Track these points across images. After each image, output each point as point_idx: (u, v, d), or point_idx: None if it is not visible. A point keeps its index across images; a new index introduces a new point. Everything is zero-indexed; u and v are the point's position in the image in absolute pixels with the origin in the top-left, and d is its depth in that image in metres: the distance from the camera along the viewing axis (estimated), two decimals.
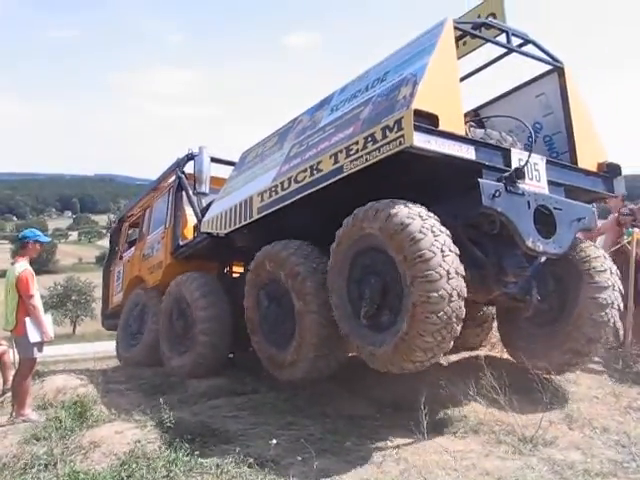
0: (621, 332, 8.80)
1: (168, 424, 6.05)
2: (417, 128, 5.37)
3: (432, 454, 5.20)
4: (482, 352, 8.10)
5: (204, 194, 10.04)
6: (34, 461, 5.40)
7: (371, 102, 6.22)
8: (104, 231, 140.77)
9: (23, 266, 7.20)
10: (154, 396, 7.18)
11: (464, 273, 5.26)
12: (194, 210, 10.01)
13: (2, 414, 7.45)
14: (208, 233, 8.76)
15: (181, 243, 10.07)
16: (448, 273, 5.10)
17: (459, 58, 6.78)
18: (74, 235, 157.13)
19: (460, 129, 5.79)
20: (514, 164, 5.94)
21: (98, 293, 25.35)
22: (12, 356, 8.92)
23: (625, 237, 8.88)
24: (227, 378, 7.98)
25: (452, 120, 5.65)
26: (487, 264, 6.21)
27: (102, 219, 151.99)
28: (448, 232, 5.35)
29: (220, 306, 8.67)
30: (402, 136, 5.41)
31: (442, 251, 5.15)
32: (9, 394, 8.26)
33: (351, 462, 5.09)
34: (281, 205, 7.07)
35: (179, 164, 10.64)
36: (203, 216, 9.20)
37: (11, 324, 7.14)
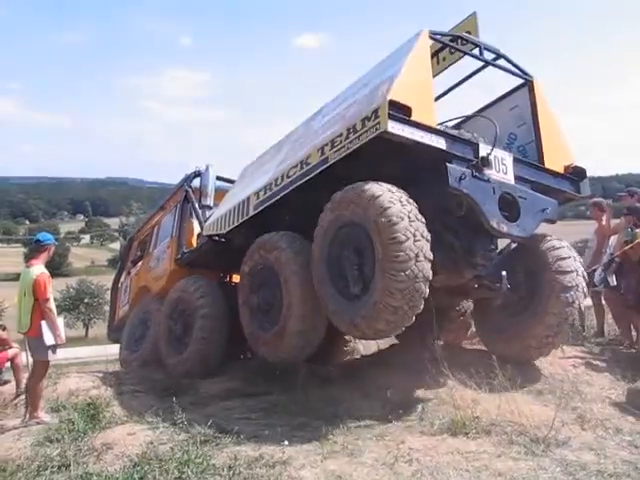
0: (634, 333, 8.80)
1: (180, 426, 6.08)
2: (392, 117, 6.04)
3: (444, 455, 5.18)
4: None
5: (209, 207, 10.61)
6: (47, 463, 5.44)
7: (356, 103, 6.88)
8: (116, 234, 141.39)
9: (40, 269, 7.22)
10: (166, 398, 7.18)
11: (431, 256, 5.89)
12: (199, 221, 10.44)
13: (16, 416, 7.49)
14: (209, 236, 9.24)
15: (185, 250, 10.46)
16: (417, 255, 5.78)
17: (438, 73, 8.00)
18: (86, 238, 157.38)
19: (432, 122, 6.46)
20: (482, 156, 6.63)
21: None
22: (25, 359, 8.98)
23: (625, 238, 8.84)
24: (239, 380, 7.99)
25: (424, 113, 6.32)
26: (458, 248, 6.84)
27: (114, 222, 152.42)
28: (424, 220, 5.98)
29: (218, 307, 8.95)
30: (378, 123, 6.10)
31: (414, 236, 5.82)
32: (23, 396, 8.32)
33: (363, 463, 5.08)
34: (274, 200, 7.73)
35: (187, 180, 11.24)
36: None
37: (25, 327, 7.15)
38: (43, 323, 7.02)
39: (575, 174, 7.54)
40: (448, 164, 6.32)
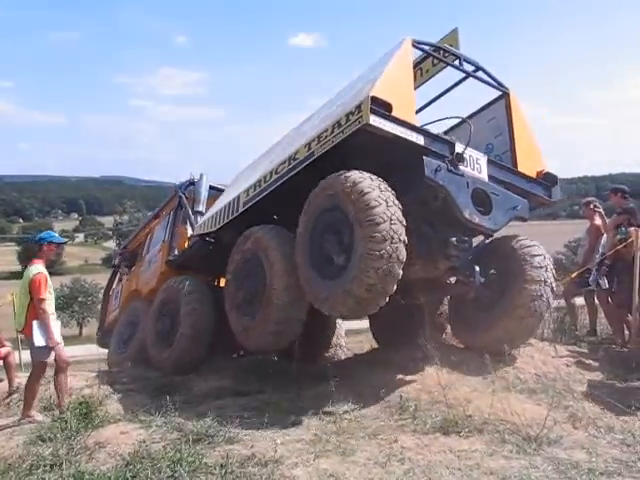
0: (626, 332, 8.84)
1: (173, 424, 6.09)
2: (373, 111, 6.45)
3: (436, 453, 5.19)
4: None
5: (201, 213, 10.87)
6: (39, 462, 5.42)
7: (342, 104, 7.27)
8: (110, 233, 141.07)
9: (38, 269, 7.21)
10: (159, 397, 7.17)
11: (406, 240, 6.24)
12: (192, 225, 10.69)
13: (8, 415, 7.48)
14: (200, 235, 9.51)
15: (176, 253, 10.74)
16: (392, 237, 6.12)
17: (421, 84, 8.60)
18: (80, 237, 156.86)
19: (412, 120, 6.88)
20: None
21: None
22: (17, 357, 8.97)
23: (618, 236, 8.88)
24: (232, 378, 7.98)
25: (404, 111, 6.75)
26: (433, 239, 7.22)
27: (108, 221, 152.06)
28: (400, 206, 6.34)
29: (205, 304, 9.06)
30: (361, 116, 6.52)
31: (390, 219, 6.17)
32: (15, 395, 8.31)
33: (355, 462, 5.07)
34: (262, 195, 8.10)
35: (181, 187, 11.59)
36: None
37: (20, 325, 7.16)
38: (34, 323, 7.00)
39: (547, 180, 8.01)
40: (425, 157, 6.75)
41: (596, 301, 9.58)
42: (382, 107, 6.53)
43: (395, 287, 6.30)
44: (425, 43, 7.88)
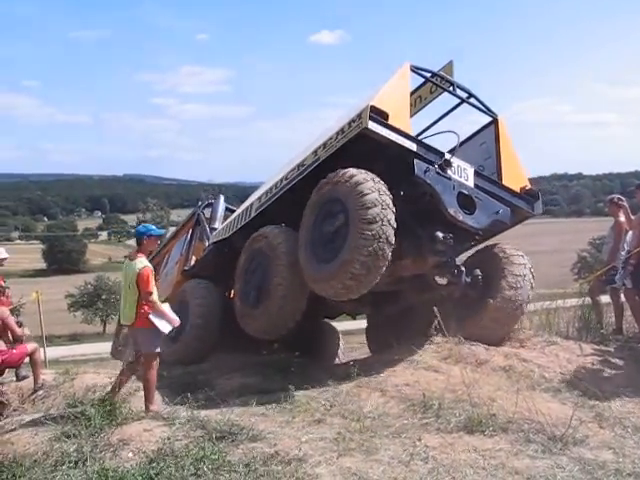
0: None
1: (196, 422, 6.09)
2: (372, 118, 7.36)
3: (461, 453, 5.16)
4: (510, 349, 8.02)
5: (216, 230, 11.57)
6: (64, 458, 5.46)
7: (346, 118, 8.00)
8: (133, 230, 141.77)
9: (143, 262, 7.18)
10: (182, 394, 7.21)
11: (395, 224, 7.02)
12: (208, 240, 11.40)
13: (34, 411, 7.54)
14: (214, 242, 10.42)
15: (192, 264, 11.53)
16: (382, 220, 6.93)
17: (420, 109, 9.73)
18: (104, 235, 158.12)
19: (406, 130, 7.75)
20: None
21: None
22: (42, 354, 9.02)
23: None
24: (255, 376, 8.00)
25: (400, 120, 7.68)
26: (422, 235, 7.85)
27: (131, 219, 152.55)
28: (390, 195, 7.13)
29: (214, 306, 9.80)
30: (361, 122, 7.42)
31: (382, 205, 6.98)
32: (40, 392, 8.38)
33: (379, 461, 5.06)
34: (274, 199, 8.94)
35: (199, 206, 12.79)
36: None
37: (130, 319, 7.12)
38: (152, 316, 7.00)
39: (530, 195, 8.77)
40: (415, 159, 7.60)
41: (622, 298, 9.45)
42: (380, 115, 7.44)
43: (385, 268, 7.10)
44: (423, 69, 8.88)
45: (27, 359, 8.91)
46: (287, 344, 9.60)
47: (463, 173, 8.02)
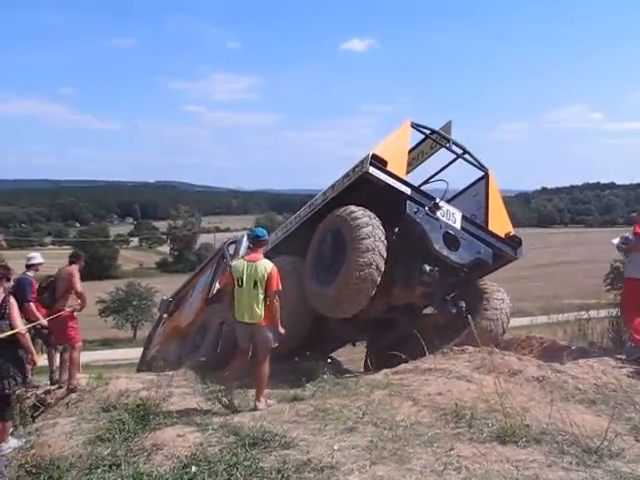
0: None
1: (229, 428, 6.12)
2: (372, 164, 8.69)
3: (493, 463, 5.11)
4: (542, 361, 7.95)
5: None
6: (99, 462, 5.55)
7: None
8: (164, 237, 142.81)
9: (270, 263, 7.50)
10: (215, 400, 7.25)
11: (385, 254, 8.28)
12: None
13: (69, 415, 7.63)
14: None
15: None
16: (374, 249, 8.18)
17: (420, 163, 11.13)
18: (135, 241, 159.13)
19: (402, 176, 9.03)
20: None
21: (158, 298, 26.47)
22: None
23: None
24: (288, 384, 8.04)
25: (397, 167, 9.01)
26: (412, 267, 8.91)
27: (162, 225, 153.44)
28: (384, 230, 8.41)
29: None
30: (362, 167, 8.78)
31: (374, 237, 8.24)
32: (74, 395, 8.48)
33: (411, 470, 5.04)
34: (287, 234, 10.48)
35: (225, 243, 13.83)
36: None
37: (259, 317, 7.25)
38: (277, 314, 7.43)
39: (514, 241, 9.86)
40: (408, 201, 8.84)
41: None
42: (379, 162, 8.74)
43: (375, 292, 8.33)
44: (422, 126, 10.28)
45: (58, 361, 9.08)
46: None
47: (451, 217, 9.16)
